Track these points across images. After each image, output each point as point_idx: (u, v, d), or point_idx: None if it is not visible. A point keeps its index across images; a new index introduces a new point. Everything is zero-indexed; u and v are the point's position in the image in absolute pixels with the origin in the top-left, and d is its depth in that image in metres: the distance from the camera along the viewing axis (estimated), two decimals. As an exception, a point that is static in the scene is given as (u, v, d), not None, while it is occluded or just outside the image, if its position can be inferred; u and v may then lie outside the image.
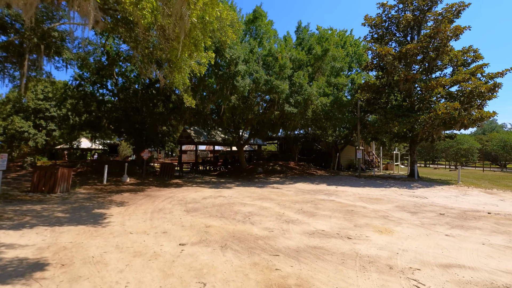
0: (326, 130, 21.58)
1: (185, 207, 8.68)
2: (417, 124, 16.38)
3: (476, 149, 53.36)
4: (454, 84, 16.41)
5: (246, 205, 9.25)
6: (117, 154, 43.75)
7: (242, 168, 21.45)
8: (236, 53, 14.16)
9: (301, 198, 10.90)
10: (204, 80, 15.23)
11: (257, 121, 18.34)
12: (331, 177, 19.37)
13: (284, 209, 8.64)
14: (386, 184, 16.04)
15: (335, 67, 17.63)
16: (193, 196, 10.87)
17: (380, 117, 17.16)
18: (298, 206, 9.24)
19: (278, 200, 10.24)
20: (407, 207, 9.35)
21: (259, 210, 8.40)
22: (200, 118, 17.87)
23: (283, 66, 14.67)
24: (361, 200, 10.68)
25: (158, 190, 12.61)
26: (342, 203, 9.96)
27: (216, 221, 6.94)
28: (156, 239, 5.37)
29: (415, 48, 16.43)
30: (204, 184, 15.08)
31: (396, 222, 7.29)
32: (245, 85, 14.49)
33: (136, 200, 9.86)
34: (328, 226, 6.77)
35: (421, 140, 18.95)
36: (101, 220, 6.73)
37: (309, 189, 13.57)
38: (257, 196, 11.23)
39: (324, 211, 8.56)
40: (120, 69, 17.06)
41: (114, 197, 10.32)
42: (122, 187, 13.18)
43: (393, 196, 11.79)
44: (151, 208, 8.51)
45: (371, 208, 9.18)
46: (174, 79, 9.23)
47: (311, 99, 15.01)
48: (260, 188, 13.84)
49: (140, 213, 7.75)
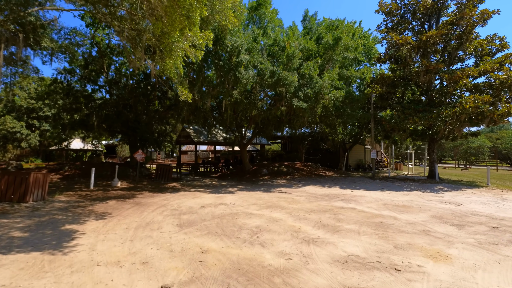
0: (335, 128, 19.98)
1: (178, 220, 7.13)
2: (439, 120, 14.74)
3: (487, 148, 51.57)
4: (481, 75, 14.76)
5: (252, 216, 7.69)
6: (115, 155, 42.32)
7: (245, 169, 19.90)
8: (239, 41, 12.60)
9: (315, 205, 9.32)
10: (203, 72, 13.68)
11: (261, 118, 16.77)
12: (342, 179, 17.77)
13: (299, 222, 7.07)
14: (406, 187, 14.42)
15: (348, 58, 15.99)
16: (189, 204, 9.31)
17: (398, 112, 15.52)
18: (315, 217, 7.67)
19: (289, 209, 8.67)
20: (446, 218, 7.75)
21: (269, 224, 6.84)
22: (199, 116, 16.31)
23: (291, 56, 13.08)
24: (386, 208, 9.09)
25: (150, 196, 11.08)
26: (366, 212, 8.38)
27: (216, 242, 5.39)
28: (130, 277, 3.81)
29: (436, 36, 14.78)
30: (204, 188, 13.53)
31: (445, 241, 5.70)
32: (248, 77, 12.94)
33: (121, 210, 8.32)
34: (361, 247, 5.20)
35: (441, 138, 17.30)
36: (66, 243, 5.19)
37: (322, 194, 11.99)
38: (264, 203, 9.67)
39: (348, 223, 6.98)
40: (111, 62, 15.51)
41: (97, 206, 8.79)
42: (110, 192, 11.66)
43: (422, 202, 10.18)
44: (137, 221, 6.96)
45: (403, 219, 7.59)
46: (165, 66, 7.69)
47: (322, 93, 13.41)
48: (266, 192, 12.28)
49: (121, 229, 6.21)
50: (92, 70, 14.76)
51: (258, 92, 16.32)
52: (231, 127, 19.23)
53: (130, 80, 16.78)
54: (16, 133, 28.70)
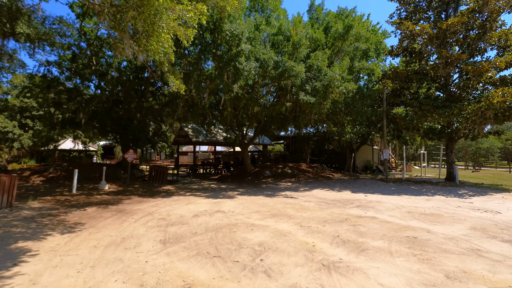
0: (343, 127, 18.58)
1: (163, 234, 5.79)
2: (460, 117, 13.32)
3: (497, 149, 49.88)
4: (508, 67, 13.33)
5: (255, 228, 6.34)
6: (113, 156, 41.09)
7: (247, 171, 18.54)
8: (239, 29, 11.28)
9: (328, 214, 7.94)
10: (200, 64, 12.36)
11: (264, 115, 15.42)
12: (352, 182, 16.36)
13: (313, 237, 5.70)
14: (424, 190, 12.99)
15: (359, 48, 14.59)
16: (181, 212, 7.97)
17: (414, 109, 14.12)
18: (331, 229, 6.30)
19: (298, 218, 7.30)
20: (490, 231, 6.35)
21: (275, 239, 5.48)
22: (196, 113, 14.95)
23: (297, 44, 11.72)
24: (412, 216, 7.70)
25: (139, 201, 9.75)
26: (390, 222, 6.99)
27: (206, 269, 4.04)
28: None
29: (457, 24, 13.38)
30: (201, 192, 12.19)
31: (509, 266, 4.32)
32: (250, 69, 11.60)
33: (98, 219, 6.99)
34: (402, 277, 3.83)
35: (461, 137, 15.86)
36: (5, 270, 3.87)
37: (333, 199, 10.61)
38: (267, 210, 8.31)
39: (373, 238, 5.61)
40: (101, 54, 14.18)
41: (71, 214, 7.47)
42: (94, 197, 10.34)
43: (451, 209, 8.77)
44: (112, 235, 5.63)
45: (439, 232, 6.19)
46: (148, 46, 6.37)
47: (332, 86, 12.04)
48: (270, 197, 10.92)
49: (87, 248, 4.88)
50: (80, 63, 13.48)
51: (261, 87, 14.98)
52: (232, 126, 17.88)
53: (116, 72, 15.12)
54: (8, 133, 27.51)
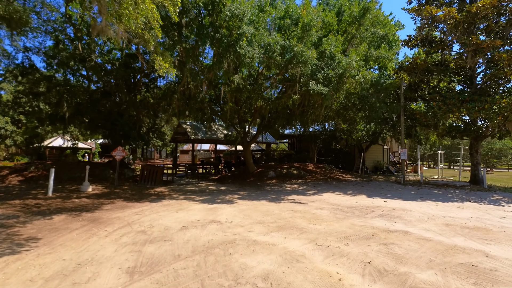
0: (355, 124, 17.03)
1: (135, 258, 4.33)
2: (492, 112, 11.72)
3: (510, 149, 47.87)
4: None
5: (257, 247, 4.85)
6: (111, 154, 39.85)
7: (249, 171, 17.06)
8: (240, 8, 9.79)
9: (348, 226, 6.43)
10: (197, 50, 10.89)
11: (268, 110, 13.92)
12: (365, 184, 14.81)
13: (336, 263, 4.20)
14: (450, 195, 11.41)
15: (377, 34, 13.01)
16: (167, 223, 6.51)
17: (438, 103, 12.53)
18: (357, 250, 4.79)
19: (311, 232, 5.81)
20: None
21: (285, 269, 3.99)
22: (193, 107, 13.47)
23: (308, 26, 10.20)
24: (453, 231, 6.16)
25: (121, 207, 8.32)
26: (430, 240, 5.46)
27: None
28: None
29: (489, 7, 11.78)
30: (196, 195, 10.74)
31: None
32: (253, 55, 10.11)
33: (61, 232, 5.56)
34: None
35: (488, 135, 14.25)
36: None
37: (348, 205, 9.09)
38: (273, 221, 6.82)
39: (418, 267, 4.09)
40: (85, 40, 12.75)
41: (30, 225, 6.04)
42: (71, 201, 8.93)
43: (496, 221, 7.22)
44: (66, 259, 4.18)
45: (502, 257, 4.66)
46: (122, 10, 4.91)
47: (346, 75, 10.51)
48: (275, 202, 9.43)
49: (20, 282, 3.43)
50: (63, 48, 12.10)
51: (265, 79, 13.48)
52: (233, 122, 16.40)
53: (100, 59, 13.48)
54: (0, 129, 26.32)
